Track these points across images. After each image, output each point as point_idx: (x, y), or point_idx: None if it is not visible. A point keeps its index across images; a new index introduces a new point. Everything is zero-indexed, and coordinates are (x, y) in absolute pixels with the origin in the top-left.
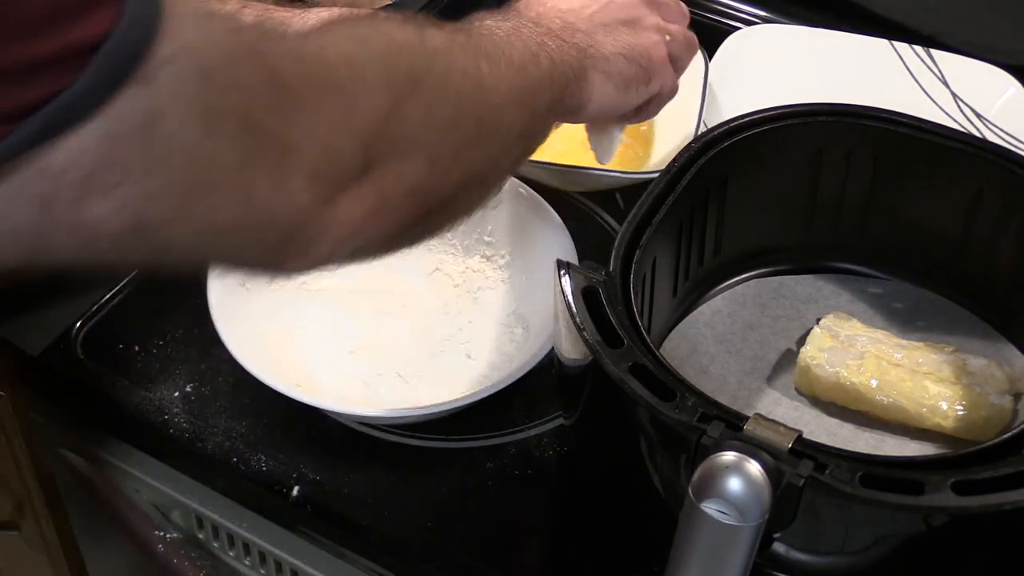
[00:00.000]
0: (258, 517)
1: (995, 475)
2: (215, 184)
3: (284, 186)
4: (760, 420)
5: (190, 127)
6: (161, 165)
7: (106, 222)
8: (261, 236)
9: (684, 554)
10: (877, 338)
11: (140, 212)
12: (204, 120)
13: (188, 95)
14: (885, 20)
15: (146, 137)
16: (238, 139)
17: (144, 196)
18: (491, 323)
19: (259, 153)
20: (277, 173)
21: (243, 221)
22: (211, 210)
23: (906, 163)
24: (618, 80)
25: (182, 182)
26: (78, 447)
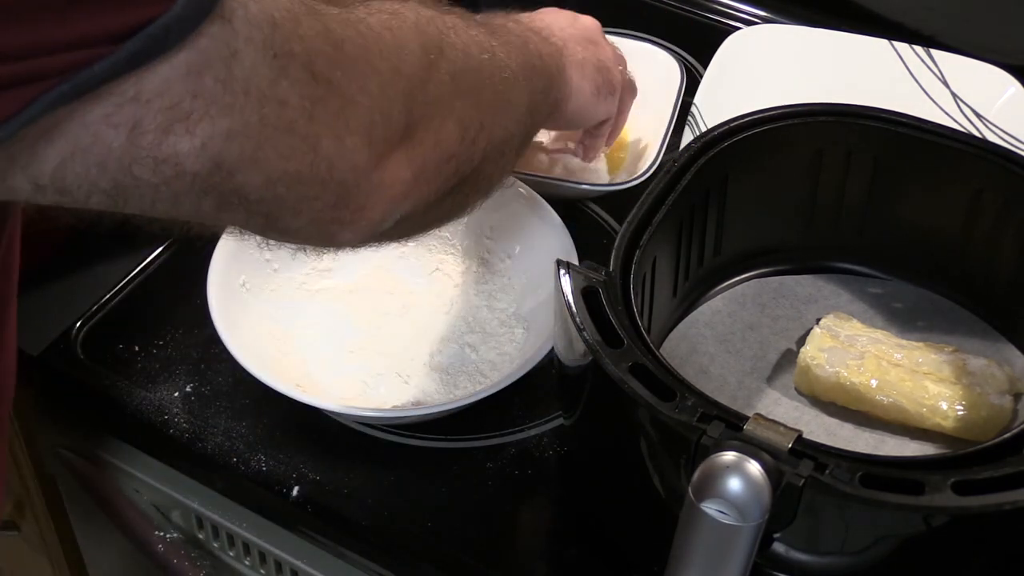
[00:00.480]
0: (258, 517)
1: (995, 475)
2: (286, 128)
3: (344, 141)
4: (760, 420)
5: (263, 69)
6: (238, 103)
7: (188, 159)
8: (322, 191)
9: (684, 554)
10: (877, 338)
11: (219, 151)
12: (275, 64)
13: (260, 38)
14: (885, 20)
15: (226, 73)
16: (305, 86)
17: (224, 134)
18: (491, 323)
19: (322, 103)
20: (338, 125)
21: (308, 172)
22: (281, 157)
23: (906, 163)
24: (591, 84)
25: (257, 123)
26: (78, 447)
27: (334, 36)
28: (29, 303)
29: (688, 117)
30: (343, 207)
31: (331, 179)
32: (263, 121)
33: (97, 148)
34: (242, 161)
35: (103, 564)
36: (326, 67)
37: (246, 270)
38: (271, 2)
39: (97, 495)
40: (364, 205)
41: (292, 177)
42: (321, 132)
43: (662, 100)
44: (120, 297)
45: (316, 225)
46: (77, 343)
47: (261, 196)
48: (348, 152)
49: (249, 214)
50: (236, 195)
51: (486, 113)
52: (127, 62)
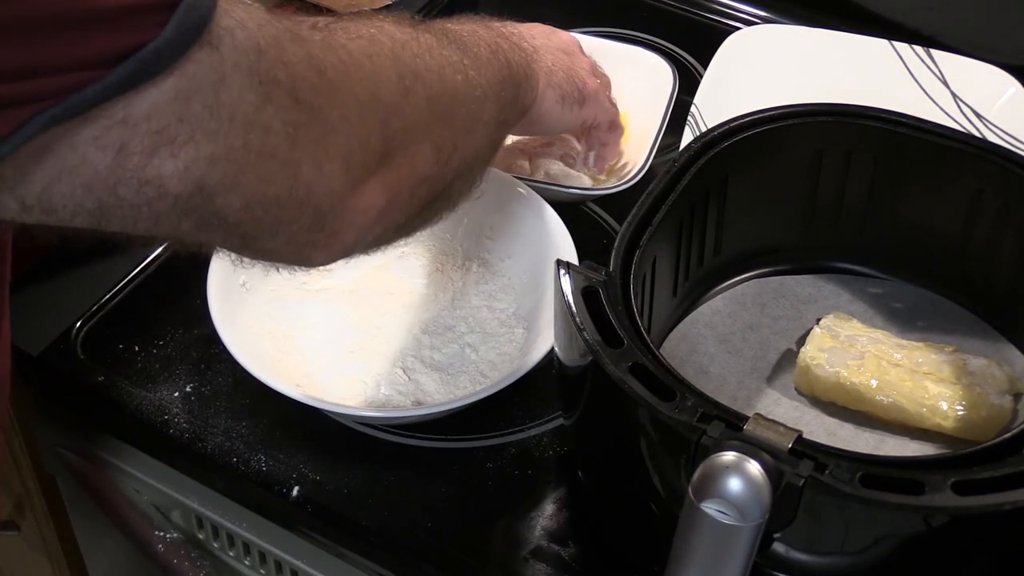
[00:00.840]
0: (258, 517)
1: (995, 475)
2: (268, 154)
3: (323, 167)
4: (760, 420)
5: (248, 95)
6: (223, 128)
7: (172, 181)
8: (299, 215)
9: (684, 554)
10: (877, 338)
11: (202, 175)
12: (260, 90)
13: (246, 65)
14: (885, 20)
15: (213, 99)
16: (289, 112)
17: (208, 159)
18: (491, 323)
19: (305, 129)
20: (319, 151)
21: (287, 196)
22: (262, 181)
23: (906, 163)
24: (557, 91)
25: (241, 148)
26: (78, 447)
27: (317, 63)
28: (29, 303)
29: (688, 117)
30: (318, 231)
31: (308, 204)
32: (247, 147)
33: (84, 169)
34: (224, 185)
35: (103, 564)
36: (309, 94)
37: (246, 270)
38: (257, 29)
39: (97, 495)
40: (338, 229)
41: (271, 201)
42: (302, 158)
43: (654, 104)
44: (120, 297)
45: (291, 247)
46: (77, 343)
47: (240, 218)
48: (326, 178)
49: (227, 234)
50: (216, 217)
51: (459, 134)
52: (119, 86)
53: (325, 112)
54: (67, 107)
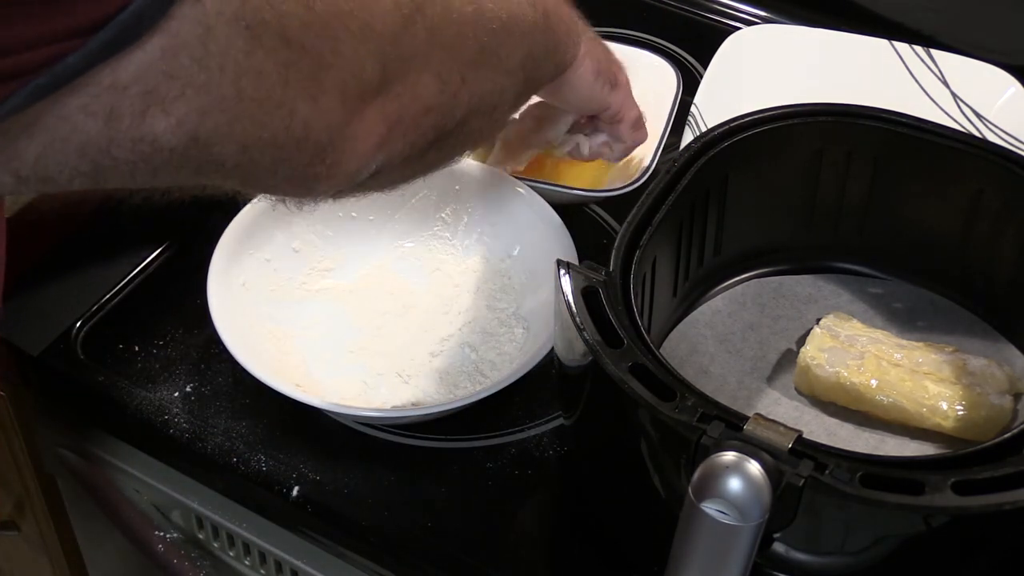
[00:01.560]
0: (258, 517)
1: (995, 475)
2: (262, 98)
3: (319, 102)
4: (760, 420)
5: (236, 42)
6: (214, 79)
7: (165, 136)
8: (298, 152)
9: (684, 554)
10: (877, 338)
11: (196, 127)
12: (248, 35)
13: (231, 12)
14: (885, 20)
15: (200, 51)
16: (279, 53)
17: (200, 111)
18: (491, 323)
19: (297, 68)
20: (313, 88)
21: (284, 136)
22: (257, 124)
23: (906, 163)
24: (595, 64)
25: (234, 96)
26: (78, 447)
27: None
28: (29, 303)
29: (688, 117)
30: (318, 163)
31: (306, 139)
32: (239, 94)
33: (76, 137)
34: (218, 133)
35: (103, 564)
36: (299, 31)
37: (246, 270)
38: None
39: (97, 495)
40: (339, 159)
41: (268, 142)
42: (297, 96)
43: (658, 106)
44: (120, 297)
45: (291, 181)
46: (77, 343)
47: (238, 162)
48: (322, 112)
49: (225, 177)
50: (213, 163)
51: (468, 67)
52: (100, 52)
53: (316, 47)
54: (50, 78)
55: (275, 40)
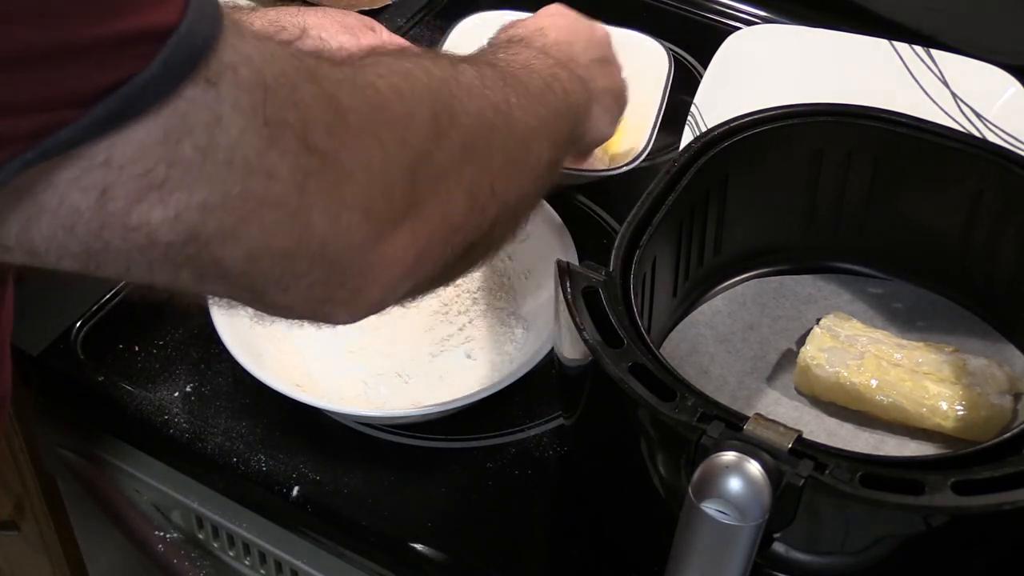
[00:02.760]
0: (258, 517)
1: (995, 475)
2: (273, 203)
3: (340, 218)
4: (760, 420)
5: (250, 137)
6: (220, 174)
7: (160, 229)
8: (312, 268)
9: (684, 554)
10: (877, 338)
11: (195, 223)
12: (264, 133)
13: (249, 105)
14: (885, 20)
15: (207, 141)
16: (297, 158)
17: (201, 206)
18: (491, 323)
19: (317, 176)
20: (334, 201)
21: (296, 248)
22: (266, 231)
23: (906, 163)
24: (609, 115)
25: (240, 196)
26: (78, 447)
27: (336, 103)
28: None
29: (688, 117)
30: (338, 286)
31: (323, 257)
32: (246, 194)
33: (64, 211)
34: (221, 234)
35: (103, 564)
36: (323, 137)
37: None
38: (267, 64)
39: (97, 495)
40: (362, 286)
41: (278, 253)
42: (313, 207)
43: (651, 89)
44: (120, 297)
45: (307, 303)
46: (77, 343)
47: (244, 270)
48: (343, 230)
49: (232, 287)
50: (215, 268)
51: (498, 178)
52: (98, 126)
53: (341, 157)
54: (40, 152)
55: (295, 143)
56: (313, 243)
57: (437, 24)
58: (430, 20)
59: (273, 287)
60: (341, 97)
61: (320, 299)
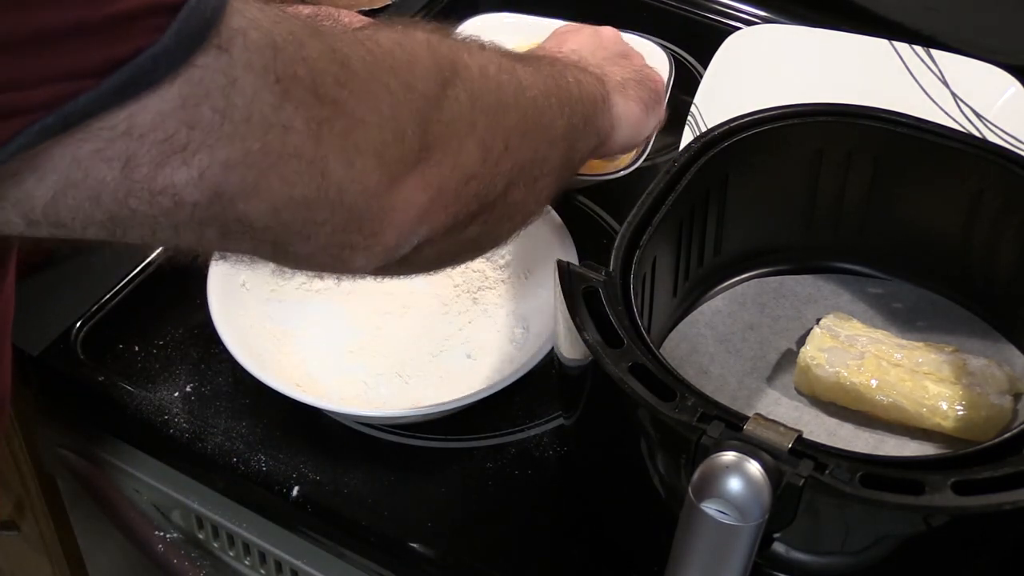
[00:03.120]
0: (258, 517)
1: (995, 475)
2: (291, 154)
3: (355, 163)
4: (760, 420)
5: (264, 95)
6: (239, 131)
7: (186, 190)
8: (332, 215)
9: (684, 554)
10: (877, 338)
11: (219, 181)
12: (277, 89)
13: (261, 64)
14: (885, 20)
15: (225, 102)
16: (310, 109)
17: (223, 164)
18: (491, 323)
19: (329, 124)
20: (348, 147)
21: (316, 197)
22: (286, 183)
23: (906, 163)
24: (638, 104)
25: (260, 150)
26: (78, 447)
27: (340, 56)
28: (29, 303)
29: (688, 117)
30: (355, 231)
31: (341, 203)
32: (266, 148)
33: (89, 183)
34: (244, 189)
35: (103, 564)
36: (333, 87)
37: (246, 270)
38: (272, 26)
39: (97, 495)
40: (377, 229)
41: (299, 202)
42: (329, 155)
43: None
44: (120, 297)
45: (327, 251)
46: (77, 343)
47: (267, 223)
48: (358, 174)
49: (256, 242)
50: (240, 224)
51: (511, 134)
52: (114, 94)
53: (351, 105)
54: (59, 117)
55: (307, 95)
56: (331, 190)
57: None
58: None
59: (295, 237)
60: (345, 50)
61: (339, 244)
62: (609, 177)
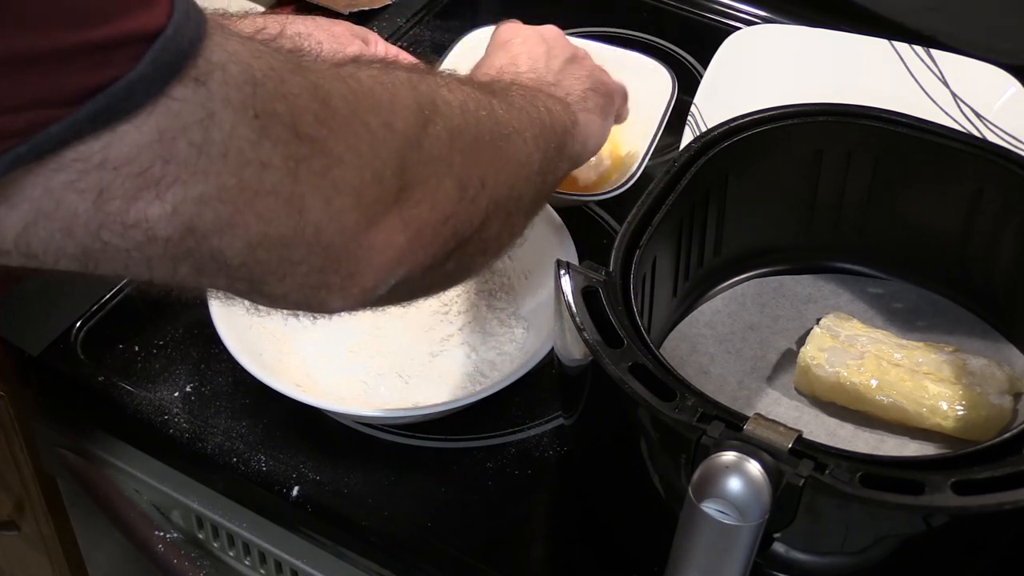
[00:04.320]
0: (258, 517)
1: (995, 475)
2: (267, 191)
3: (332, 202)
4: (760, 420)
5: (243, 131)
6: (215, 167)
7: (159, 224)
8: (308, 255)
9: (684, 554)
10: (877, 338)
11: (193, 216)
12: (256, 125)
13: (239, 99)
14: (885, 20)
15: (201, 136)
16: (289, 146)
17: (197, 199)
18: (491, 323)
19: (308, 162)
20: (326, 186)
21: (292, 236)
22: (262, 220)
23: (906, 163)
24: (599, 114)
25: (235, 186)
26: (78, 447)
27: (322, 93)
28: (29, 303)
29: (688, 117)
30: (332, 272)
31: (318, 243)
32: (242, 184)
33: (61, 214)
34: (218, 226)
35: (103, 564)
36: (312, 125)
37: None
38: (254, 60)
39: (97, 495)
40: (355, 271)
41: (275, 241)
42: (306, 193)
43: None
44: (120, 297)
45: (303, 291)
46: (77, 343)
47: (243, 261)
48: (336, 214)
49: (231, 279)
50: (214, 260)
51: (487, 170)
52: (89, 123)
53: (331, 144)
54: (32, 146)
55: (286, 132)
56: (308, 229)
57: (437, 24)
58: (430, 20)
59: (271, 276)
60: (327, 87)
61: (315, 286)
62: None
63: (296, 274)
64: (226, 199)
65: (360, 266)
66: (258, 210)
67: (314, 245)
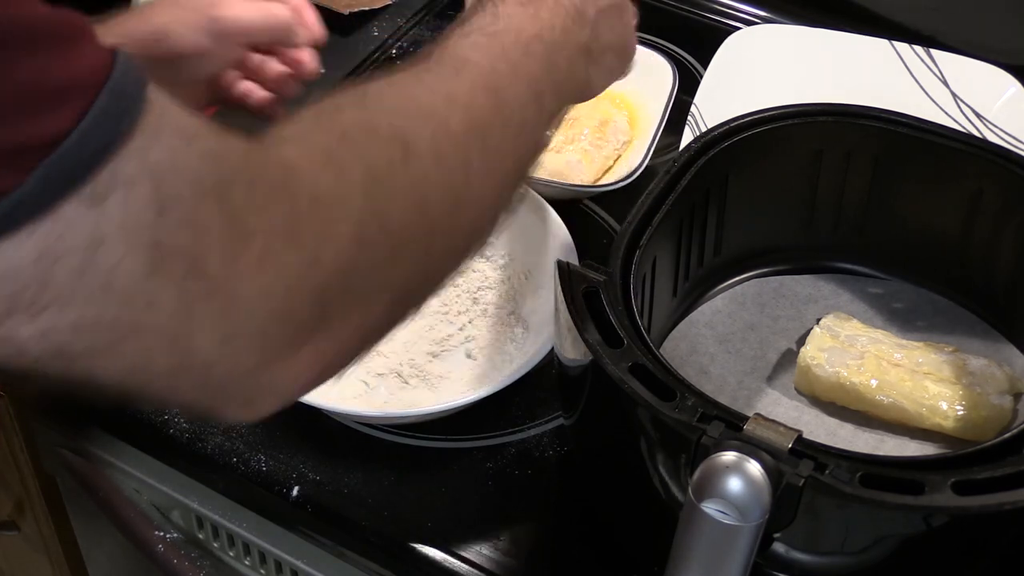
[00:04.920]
0: (258, 517)
1: (995, 475)
2: (150, 327)
3: (228, 343)
4: (760, 420)
5: (133, 262)
6: (95, 297)
7: (28, 344)
8: (197, 386)
9: (684, 554)
10: (877, 338)
11: (64, 342)
12: (150, 257)
13: (137, 226)
14: (885, 20)
15: (84, 264)
16: (183, 283)
17: (71, 326)
18: (491, 323)
19: (204, 302)
20: (221, 327)
21: (179, 369)
22: (143, 352)
23: (906, 163)
24: (606, 74)
25: (115, 319)
26: (78, 447)
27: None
28: None
29: (688, 117)
30: (222, 403)
31: (206, 380)
32: (122, 318)
33: None
34: (91, 352)
35: (103, 564)
36: (217, 264)
37: None
38: (169, 176)
39: (97, 495)
40: (253, 399)
41: (156, 372)
42: (195, 332)
43: (654, 102)
44: None
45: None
46: None
47: (120, 383)
48: (230, 355)
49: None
50: (88, 380)
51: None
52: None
53: (235, 285)
54: None
55: (184, 267)
56: (196, 366)
57: (437, 24)
58: (430, 20)
59: (154, 398)
60: (248, 218)
61: (206, 409)
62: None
63: (183, 400)
64: (103, 329)
65: (260, 396)
66: (138, 343)
67: (202, 381)
